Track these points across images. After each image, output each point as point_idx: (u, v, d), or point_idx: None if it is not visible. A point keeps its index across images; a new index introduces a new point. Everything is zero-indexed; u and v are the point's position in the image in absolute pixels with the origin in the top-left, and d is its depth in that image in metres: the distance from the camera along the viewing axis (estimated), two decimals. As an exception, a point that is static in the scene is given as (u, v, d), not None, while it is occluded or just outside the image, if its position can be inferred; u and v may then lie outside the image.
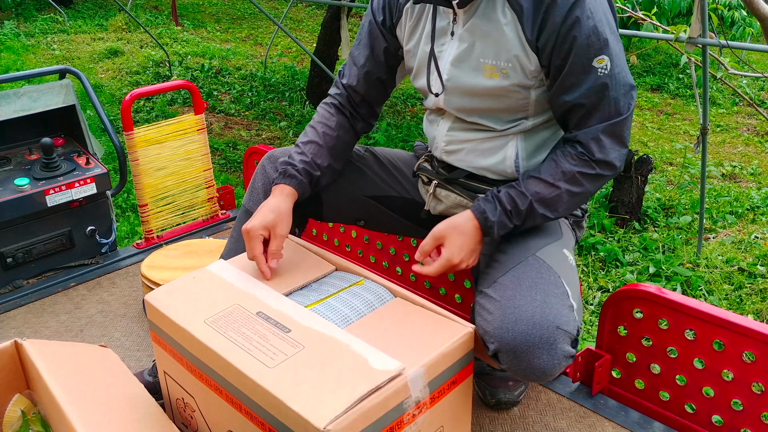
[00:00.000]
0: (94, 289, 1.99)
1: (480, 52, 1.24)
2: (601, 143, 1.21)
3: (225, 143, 4.73)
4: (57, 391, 1.14)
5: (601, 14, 1.16)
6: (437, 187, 1.44)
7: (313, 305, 1.24)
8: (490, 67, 1.24)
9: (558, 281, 1.19)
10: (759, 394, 1.26)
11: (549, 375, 1.14)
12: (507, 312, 1.13)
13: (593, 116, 1.20)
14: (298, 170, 1.39)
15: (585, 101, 1.19)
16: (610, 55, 1.16)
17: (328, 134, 1.44)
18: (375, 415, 0.97)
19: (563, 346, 1.13)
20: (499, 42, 1.21)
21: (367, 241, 2.01)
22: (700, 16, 2.56)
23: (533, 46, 1.19)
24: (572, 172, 1.22)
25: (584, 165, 1.22)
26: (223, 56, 6.82)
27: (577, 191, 1.23)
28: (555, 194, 1.23)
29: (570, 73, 1.18)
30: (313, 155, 1.41)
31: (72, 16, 8.50)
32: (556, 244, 1.29)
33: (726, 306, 2.83)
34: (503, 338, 1.12)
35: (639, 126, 5.61)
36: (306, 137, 1.45)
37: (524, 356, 1.11)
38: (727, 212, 3.77)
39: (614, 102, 1.19)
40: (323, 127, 1.45)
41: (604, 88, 1.18)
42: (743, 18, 6.00)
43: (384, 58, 1.44)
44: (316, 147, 1.42)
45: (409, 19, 1.36)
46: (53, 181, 1.95)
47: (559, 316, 1.13)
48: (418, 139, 1.84)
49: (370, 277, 1.34)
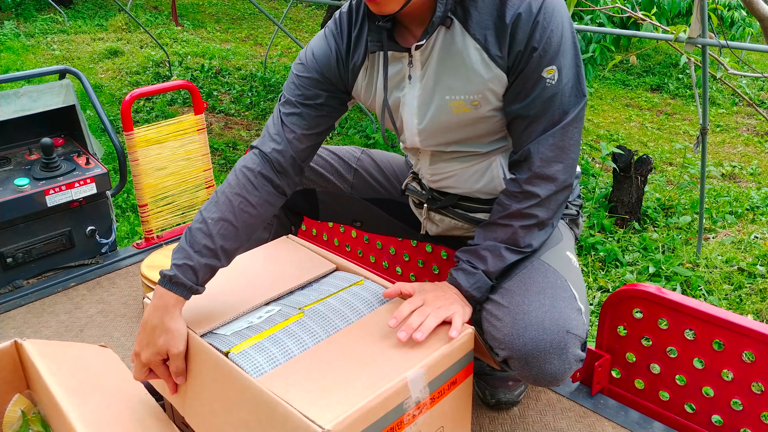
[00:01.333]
0: (94, 289, 1.99)
1: (445, 89, 1.19)
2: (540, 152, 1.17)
3: (225, 143, 4.73)
4: (57, 391, 1.14)
5: (558, 23, 1.12)
6: (430, 211, 1.44)
7: (312, 305, 1.24)
8: (459, 102, 1.19)
9: (565, 285, 1.19)
10: (759, 394, 1.26)
11: (560, 379, 1.13)
12: (516, 318, 1.13)
13: (536, 127, 1.17)
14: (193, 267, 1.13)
15: (528, 111, 1.16)
16: (560, 65, 1.13)
17: (246, 212, 1.21)
18: (375, 415, 0.98)
19: (574, 350, 1.12)
20: (466, 74, 1.17)
21: (367, 241, 2.01)
22: (700, 16, 2.56)
23: (503, 65, 1.15)
24: (519, 210, 1.19)
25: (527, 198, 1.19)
26: (223, 56, 6.82)
27: (531, 223, 1.20)
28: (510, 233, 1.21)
29: (521, 82, 1.15)
30: (223, 239, 1.17)
31: (72, 16, 8.49)
32: (558, 247, 1.28)
33: (726, 306, 2.83)
34: (514, 344, 1.12)
35: (639, 126, 5.61)
36: (217, 210, 1.19)
37: (535, 362, 1.11)
38: (726, 212, 3.77)
39: (558, 113, 1.16)
40: (242, 202, 1.21)
41: (550, 99, 1.14)
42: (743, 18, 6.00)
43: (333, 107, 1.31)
44: (228, 227, 1.18)
45: (365, 78, 1.28)
46: (53, 181, 1.95)
47: (569, 320, 1.12)
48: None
49: (370, 277, 1.34)
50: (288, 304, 1.26)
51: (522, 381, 1.46)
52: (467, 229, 1.41)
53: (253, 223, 1.22)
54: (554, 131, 1.16)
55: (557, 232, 1.33)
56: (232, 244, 1.18)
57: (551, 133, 1.16)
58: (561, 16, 1.13)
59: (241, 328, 1.18)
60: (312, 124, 1.29)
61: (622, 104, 6.15)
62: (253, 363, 1.08)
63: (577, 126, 1.18)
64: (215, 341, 1.14)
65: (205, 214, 1.18)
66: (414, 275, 1.89)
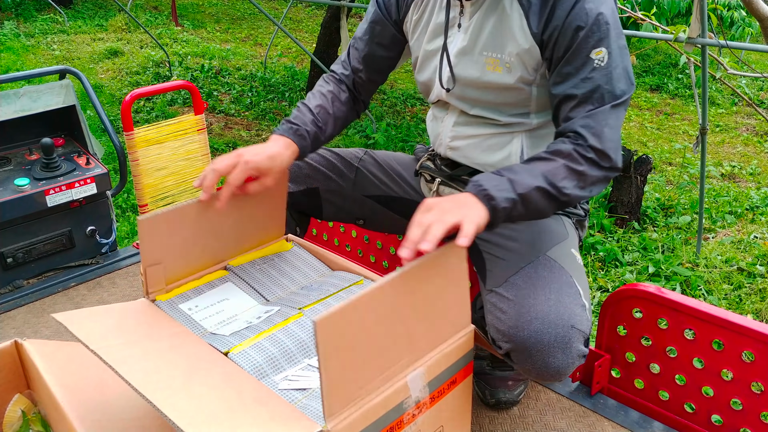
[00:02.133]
0: (94, 289, 1.99)
1: (484, 45, 1.25)
2: (592, 128, 1.13)
3: (225, 143, 4.73)
4: (57, 391, 1.14)
5: (607, 8, 1.15)
6: (441, 185, 1.44)
7: (312, 305, 1.24)
8: (494, 60, 1.24)
9: (570, 281, 1.19)
10: (758, 394, 1.26)
11: (562, 374, 1.14)
12: (522, 311, 1.13)
13: (584, 107, 1.16)
14: (309, 132, 1.36)
15: (577, 92, 1.16)
16: (610, 48, 1.15)
17: (336, 106, 1.44)
18: (375, 414, 0.98)
19: (577, 345, 1.13)
20: (504, 35, 1.22)
21: (367, 241, 2.01)
22: (700, 16, 2.56)
23: (538, 39, 1.19)
24: (568, 150, 1.12)
25: (581, 149, 1.13)
26: (223, 56, 6.82)
27: (575, 168, 1.11)
28: (553, 166, 1.11)
29: (567, 62, 1.17)
30: (324, 122, 1.40)
31: (72, 16, 8.49)
32: (563, 243, 1.29)
33: (725, 306, 2.83)
34: (518, 337, 1.12)
35: (638, 126, 5.61)
36: (316, 101, 1.43)
37: (539, 355, 1.11)
38: (726, 212, 3.77)
39: (607, 95, 1.15)
40: (333, 97, 1.45)
41: (598, 80, 1.15)
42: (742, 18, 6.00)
43: (386, 46, 1.45)
44: (326, 114, 1.41)
45: (415, 13, 1.37)
46: (53, 181, 1.95)
47: (573, 315, 1.13)
48: (418, 139, 1.85)
49: (370, 277, 1.34)
50: (287, 304, 1.27)
51: (523, 377, 1.46)
52: None
53: (341, 117, 1.45)
54: (604, 109, 1.13)
55: (563, 229, 1.34)
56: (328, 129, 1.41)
57: (602, 109, 1.13)
58: (607, 2, 1.16)
59: (240, 329, 1.19)
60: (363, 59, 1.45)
61: (622, 104, 6.14)
62: (253, 363, 1.08)
63: (624, 111, 1.17)
64: (215, 341, 1.14)
65: (307, 102, 1.43)
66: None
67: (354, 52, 1.48)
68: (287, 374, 1.09)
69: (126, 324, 1.15)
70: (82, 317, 1.12)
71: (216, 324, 1.21)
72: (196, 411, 0.92)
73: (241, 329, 1.18)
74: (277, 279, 1.36)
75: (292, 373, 1.09)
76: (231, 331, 1.18)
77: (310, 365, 1.11)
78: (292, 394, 1.04)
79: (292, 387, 1.05)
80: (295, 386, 1.06)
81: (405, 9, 1.39)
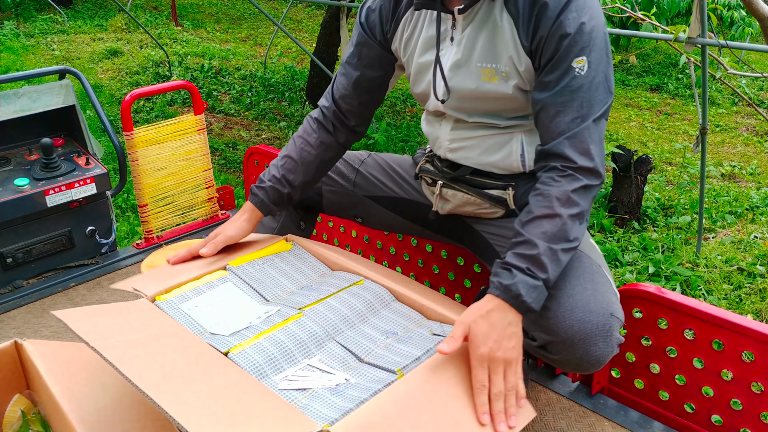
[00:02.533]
0: (94, 289, 1.99)
1: (478, 56, 1.24)
2: (579, 147, 1.15)
3: (225, 143, 4.73)
4: (57, 391, 1.13)
5: (591, 17, 1.15)
6: (443, 187, 1.44)
7: (312, 305, 1.24)
8: (489, 70, 1.24)
9: (600, 270, 1.21)
10: (758, 394, 1.26)
11: (602, 363, 1.15)
12: (562, 302, 1.14)
13: (563, 117, 1.16)
14: (265, 188, 1.45)
15: (557, 100, 1.16)
16: (590, 57, 1.15)
17: (305, 150, 1.47)
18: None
19: (617, 334, 1.15)
20: (498, 46, 1.22)
21: (367, 241, 2.01)
22: (700, 16, 2.56)
23: (527, 50, 1.19)
24: (565, 194, 1.14)
25: (572, 181, 1.15)
26: (223, 56, 6.82)
27: (576, 212, 1.14)
28: (560, 224, 1.13)
29: (549, 71, 1.17)
30: (285, 171, 1.46)
31: (72, 16, 8.49)
32: (585, 235, 1.30)
33: (725, 306, 2.83)
34: (560, 328, 1.12)
35: (638, 126, 5.61)
36: (285, 150, 1.49)
37: (581, 344, 1.12)
38: (726, 212, 3.77)
39: (586, 105, 1.16)
40: (303, 142, 1.48)
41: (578, 90, 1.15)
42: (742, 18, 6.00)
43: (376, 68, 1.43)
44: (290, 162, 1.46)
45: (406, 30, 1.35)
46: (53, 181, 1.95)
47: (611, 303, 1.15)
48: (418, 139, 1.86)
49: (370, 277, 1.34)
50: (287, 304, 1.27)
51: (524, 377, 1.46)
52: (479, 205, 1.41)
53: (312, 161, 1.47)
54: (588, 125, 1.15)
55: None
56: (293, 176, 1.46)
57: (585, 126, 1.15)
58: (594, 11, 1.16)
59: (240, 329, 1.19)
60: (353, 83, 1.44)
61: (622, 104, 6.15)
62: (253, 363, 1.08)
63: (605, 123, 1.19)
64: (214, 342, 1.14)
65: (280, 152, 1.50)
66: (414, 275, 1.89)
67: (341, 79, 1.46)
68: (287, 374, 1.09)
69: (126, 323, 1.15)
70: (81, 315, 1.12)
71: (216, 324, 1.21)
72: (197, 409, 0.91)
73: (241, 329, 1.18)
74: (277, 279, 1.36)
75: (292, 373, 1.09)
76: (231, 331, 1.18)
77: (309, 365, 1.11)
78: (292, 394, 1.04)
79: (292, 387, 1.05)
80: (295, 386, 1.06)
81: (393, 28, 1.37)
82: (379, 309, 1.27)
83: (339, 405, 1.00)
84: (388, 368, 1.10)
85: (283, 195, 1.46)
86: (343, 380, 1.07)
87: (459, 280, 1.77)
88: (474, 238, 1.48)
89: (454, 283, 1.79)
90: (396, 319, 1.25)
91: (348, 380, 1.07)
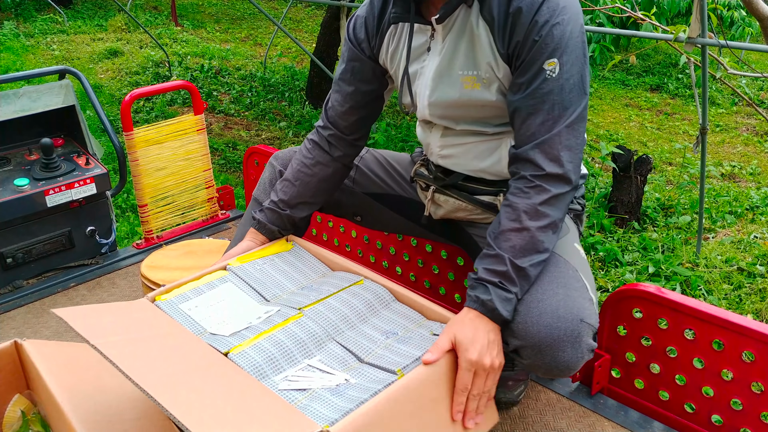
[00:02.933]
0: (94, 289, 1.99)
1: (459, 65, 1.24)
2: (549, 153, 1.15)
3: (225, 143, 4.73)
4: (57, 392, 1.13)
5: (564, 19, 1.14)
6: (435, 193, 1.45)
7: (312, 305, 1.24)
8: (471, 78, 1.23)
9: (576, 275, 1.20)
10: (758, 394, 1.26)
11: (572, 368, 1.14)
12: (531, 306, 1.14)
13: (534, 120, 1.16)
14: (264, 211, 1.48)
15: (528, 102, 1.16)
16: (562, 59, 1.14)
17: (302, 172, 1.47)
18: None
19: (587, 340, 1.13)
20: (477, 53, 1.21)
21: (367, 241, 2.01)
22: (700, 16, 2.56)
23: (504, 57, 1.18)
24: (533, 207, 1.15)
25: (539, 192, 1.15)
26: (223, 56, 6.82)
27: (545, 224, 1.15)
28: (528, 237, 1.15)
29: (521, 73, 1.17)
30: (282, 194, 1.47)
31: (71, 16, 8.49)
32: (566, 238, 1.30)
33: (725, 306, 2.83)
34: (528, 332, 1.12)
35: (638, 126, 5.61)
36: (285, 175, 1.50)
37: (549, 350, 1.11)
38: (726, 212, 3.77)
39: (557, 107, 1.15)
40: (299, 164, 1.48)
41: (548, 92, 1.14)
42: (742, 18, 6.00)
43: (370, 81, 1.42)
44: (288, 186, 1.47)
45: (391, 43, 1.35)
46: (53, 181, 1.94)
47: (582, 309, 1.14)
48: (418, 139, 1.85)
49: (370, 277, 1.34)
50: (287, 304, 1.26)
51: (523, 377, 1.46)
52: (471, 211, 1.42)
53: (309, 181, 1.47)
54: (560, 130, 1.15)
55: (564, 225, 1.34)
56: (291, 198, 1.46)
57: (557, 132, 1.15)
58: (569, 13, 1.14)
59: (240, 329, 1.19)
60: (348, 98, 1.43)
61: (622, 104, 6.15)
62: (253, 363, 1.08)
63: (582, 125, 1.17)
64: (214, 342, 1.14)
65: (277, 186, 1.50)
66: (414, 275, 1.89)
67: (335, 96, 1.45)
68: (287, 374, 1.09)
69: (126, 322, 1.15)
70: (81, 313, 1.12)
71: (216, 324, 1.21)
72: (197, 408, 0.91)
73: (241, 330, 1.18)
74: (277, 279, 1.35)
75: (292, 374, 1.09)
76: (231, 331, 1.18)
77: (309, 365, 1.11)
78: (292, 394, 1.04)
79: (292, 387, 1.05)
80: (295, 386, 1.05)
81: (378, 42, 1.36)
82: (379, 309, 1.27)
83: (339, 405, 1.00)
84: (388, 368, 1.10)
85: (283, 217, 1.46)
86: (343, 380, 1.07)
87: (459, 280, 1.77)
88: (467, 241, 1.49)
89: (454, 283, 1.79)
90: (396, 319, 1.25)
91: (348, 380, 1.07)
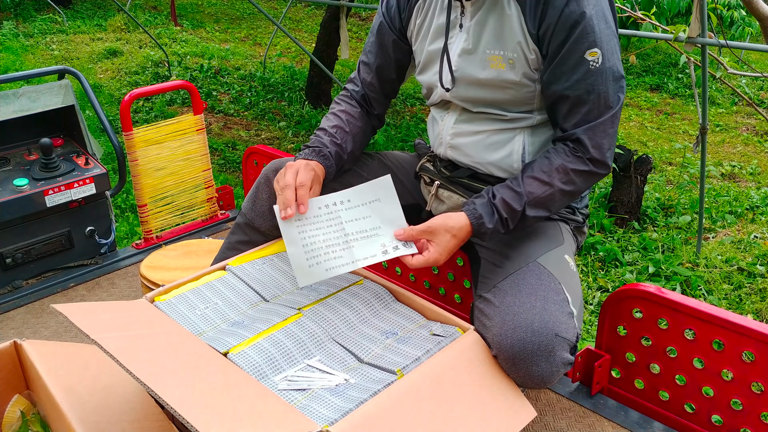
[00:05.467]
0: (93, 289, 1.99)
1: (486, 43, 1.26)
2: (593, 140, 1.21)
3: (224, 143, 4.73)
4: (56, 392, 1.13)
5: (599, 8, 1.18)
6: (439, 188, 1.44)
7: (311, 305, 1.24)
8: (497, 57, 1.25)
9: (558, 288, 1.19)
10: (758, 394, 1.26)
11: (547, 382, 1.14)
12: (506, 318, 1.13)
13: (580, 108, 1.21)
14: (330, 152, 1.39)
15: (573, 92, 1.20)
16: (603, 48, 1.17)
17: (352, 123, 1.46)
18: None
19: (561, 354, 1.13)
20: (506, 32, 1.24)
21: (367, 241, 2.00)
22: (699, 15, 2.56)
23: (534, 38, 1.21)
24: (566, 168, 1.22)
25: (578, 162, 1.22)
26: (222, 56, 6.82)
27: (569, 189, 1.23)
28: (549, 193, 1.22)
29: (561, 62, 1.19)
30: (342, 140, 1.42)
31: (71, 16, 8.49)
32: (557, 250, 1.29)
33: (725, 306, 2.83)
34: (502, 345, 1.12)
35: (638, 126, 5.61)
36: (331, 122, 1.45)
37: (522, 363, 1.11)
38: (726, 212, 3.77)
39: (603, 96, 1.20)
40: (347, 115, 1.47)
41: (594, 82, 1.19)
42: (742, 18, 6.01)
43: (394, 55, 1.46)
44: (343, 133, 1.43)
45: (419, 17, 1.38)
46: (52, 181, 1.94)
47: (558, 323, 1.13)
48: (418, 138, 1.84)
49: (370, 277, 1.34)
50: (287, 304, 1.26)
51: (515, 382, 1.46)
52: None
53: (358, 134, 1.47)
54: (605, 119, 1.21)
55: (559, 235, 1.33)
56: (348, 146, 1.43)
57: (602, 121, 1.21)
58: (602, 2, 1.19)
59: (239, 329, 1.18)
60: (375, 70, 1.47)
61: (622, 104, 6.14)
62: (252, 363, 1.08)
63: (620, 111, 1.24)
64: (214, 342, 1.14)
65: (323, 125, 1.45)
66: (414, 275, 1.89)
67: (364, 67, 1.50)
68: (287, 375, 1.09)
69: (126, 320, 1.15)
70: (82, 309, 1.12)
71: (215, 324, 1.21)
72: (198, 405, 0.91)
73: (240, 330, 1.18)
74: (277, 279, 1.35)
75: (292, 374, 1.09)
76: (230, 331, 1.18)
77: (309, 366, 1.11)
78: (291, 394, 1.04)
79: (292, 387, 1.05)
80: (295, 387, 1.05)
81: (407, 16, 1.40)
82: (379, 309, 1.27)
83: (338, 405, 1.00)
84: (387, 369, 1.10)
85: (341, 163, 1.43)
86: (342, 381, 1.07)
87: (459, 280, 1.77)
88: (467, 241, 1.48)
89: (454, 283, 1.79)
90: (396, 320, 1.24)
91: (348, 381, 1.07)
